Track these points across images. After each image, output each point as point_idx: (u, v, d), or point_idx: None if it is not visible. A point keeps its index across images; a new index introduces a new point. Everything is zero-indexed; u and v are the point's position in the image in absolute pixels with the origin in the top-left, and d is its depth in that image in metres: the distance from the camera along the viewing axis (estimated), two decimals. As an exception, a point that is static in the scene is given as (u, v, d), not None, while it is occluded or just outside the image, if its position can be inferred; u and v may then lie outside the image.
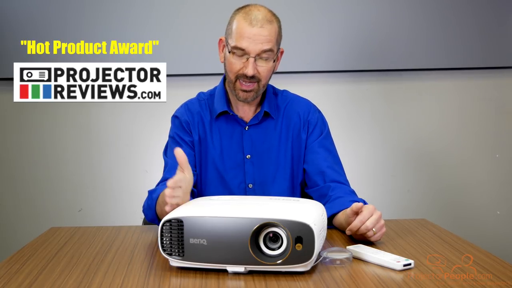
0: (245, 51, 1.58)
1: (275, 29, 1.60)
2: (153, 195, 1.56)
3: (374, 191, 2.65)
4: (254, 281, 1.13)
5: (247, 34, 1.57)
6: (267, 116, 1.71)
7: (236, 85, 1.62)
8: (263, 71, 1.60)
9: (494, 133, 2.86)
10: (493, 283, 1.11)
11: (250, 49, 1.57)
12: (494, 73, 2.81)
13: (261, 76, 1.60)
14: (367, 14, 2.69)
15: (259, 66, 1.59)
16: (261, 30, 1.57)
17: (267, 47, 1.58)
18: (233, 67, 1.60)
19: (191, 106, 1.73)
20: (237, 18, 1.61)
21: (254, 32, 1.56)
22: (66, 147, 2.71)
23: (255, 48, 1.57)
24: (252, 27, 1.57)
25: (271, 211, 1.19)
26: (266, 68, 1.60)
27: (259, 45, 1.57)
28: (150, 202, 1.57)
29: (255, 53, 1.57)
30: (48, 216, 2.70)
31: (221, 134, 1.70)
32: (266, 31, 1.57)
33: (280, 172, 1.70)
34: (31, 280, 1.17)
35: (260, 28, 1.57)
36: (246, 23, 1.57)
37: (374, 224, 1.35)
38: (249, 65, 1.58)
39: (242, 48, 1.57)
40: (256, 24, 1.57)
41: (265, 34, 1.57)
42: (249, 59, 1.58)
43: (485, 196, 2.87)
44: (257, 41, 1.57)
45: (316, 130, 1.72)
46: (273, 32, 1.59)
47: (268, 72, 1.62)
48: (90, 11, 2.60)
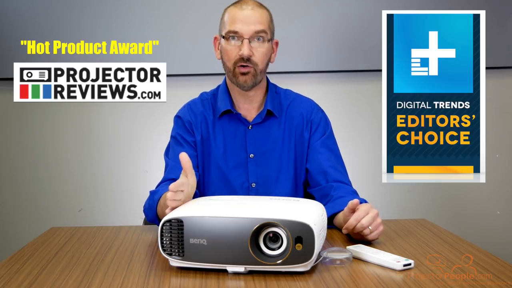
0: (238, 33, 1.61)
1: (266, 14, 1.66)
2: (155, 196, 1.56)
3: (374, 191, 2.64)
4: (254, 281, 1.13)
5: (239, 17, 1.62)
6: (270, 115, 1.71)
7: (235, 72, 1.64)
8: (258, 53, 1.62)
9: (494, 133, 2.86)
10: (493, 283, 1.11)
11: (243, 31, 1.61)
12: (494, 73, 2.81)
13: (257, 59, 1.62)
14: (367, 14, 2.69)
15: (254, 48, 1.62)
16: (252, 12, 1.62)
17: (259, 28, 1.61)
18: (229, 54, 1.63)
19: (193, 106, 1.74)
20: (227, 10, 1.67)
21: (245, 14, 1.62)
22: (66, 147, 2.71)
23: (248, 30, 1.61)
24: (243, 10, 1.62)
25: (271, 211, 1.19)
26: (261, 50, 1.63)
27: (251, 26, 1.61)
28: (151, 203, 1.57)
29: (249, 35, 1.61)
30: (48, 216, 2.70)
31: (224, 133, 1.70)
32: (257, 13, 1.63)
33: (283, 171, 1.70)
34: (31, 280, 1.17)
35: (251, 10, 1.63)
36: (237, 9, 1.64)
37: (370, 222, 1.34)
38: (244, 46, 1.61)
39: (235, 31, 1.61)
40: (246, 7, 1.63)
41: (256, 15, 1.62)
42: (244, 41, 1.61)
43: (485, 196, 2.87)
44: (249, 22, 1.61)
45: (319, 130, 1.72)
46: (264, 16, 1.64)
47: (264, 55, 1.64)
48: (90, 11, 2.60)
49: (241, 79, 1.63)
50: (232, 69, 1.64)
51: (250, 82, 1.64)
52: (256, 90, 1.68)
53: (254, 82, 1.64)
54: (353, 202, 1.38)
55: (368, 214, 1.35)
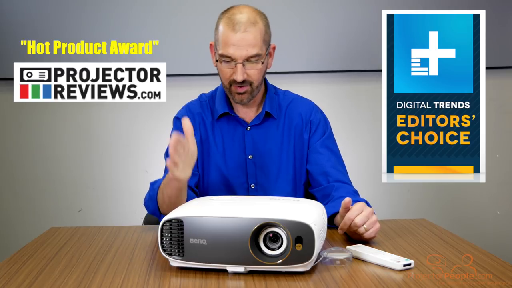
0: (231, 58, 1.58)
1: (260, 30, 1.59)
2: (155, 185, 1.57)
3: (374, 191, 2.64)
4: (254, 281, 1.13)
5: (232, 41, 1.56)
6: (268, 117, 1.71)
7: (232, 90, 1.63)
8: (253, 74, 1.60)
9: (494, 133, 2.86)
10: (493, 283, 1.11)
11: (236, 56, 1.57)
12: (494, 73, 2.81)
13: (252, 79, 1.60)
14: (367, 14, 2.69)
15: (249, 70, 1.59)
16: (245, 35, 1.56)
17: (253, 52, 1.57)
18: (224, 75, 1.62)
19: (192, 108, 1.74)
20: (221, 23, 1.60)
21: (238, 37, 1.56)
22: (66, 147, 2.71)
23: (241, 54, 1.57)
24: (235, 33, 1.56)
25: (271, 211, 1.19)
26: (255, 71, 1.60)
27: (244, 52, 1.56)
28: (152, 193, 1.58)
29: (242, 59, 1.57)
30: (48, 216, 2.70)
31: (223, 135, 1.70)
32: (250, 35, 1.56)
33: (282, 172, 1.70)
34: (31, 280, 1.17)
35: (244, 33, 1.56)
36: (229, 29, 1.57)
37: (363, 221, 1.34)
38: (238, 71, 1.58)
39: (228, 56, 1.58)
40: (239, 29, 1.56)
41: (249, 38, 1.56)
42: (237, 65, 1.57)
43: (485, 196, 2.87)
44: (242, 47, 1.56)
45: (319, 130, 1.72)
46: (258, 34, 1.58)
47: (259, 73, 1.62)
48: (90, 11, 2.60)
49: (238, 98, 1.63)
50: (228, 87, 1.63)
51: (246, 99, 1.64)
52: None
53: (251, 97, 1.65)
54: (345, 201, 1.36)
55: (362, 212, 1.34)
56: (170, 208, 1.51)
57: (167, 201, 1.50)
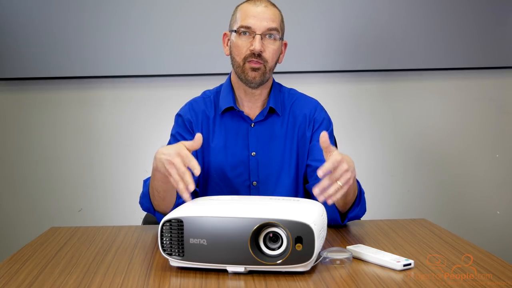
0: (251, 29, 1.61)
1: (279, 14, 1.66)
2: (147, 182, 1.57)
3: (374, 191, 2.64)
4: (254, 281, 1.13)
5: (252, 13, 1.62)
6: (272, 113, 1.71)
7: (245, 67, 1.63)
8: (269, 50, 1.62)
9: (494, 133, 2.86)
10: (493, 283, 1.11)
11: (256, 27, 1.60)
12: (494, 73, 2.81)
13: (267, 56, 1.62)
14: (367, 14, 2.70)
15: (265, 45, 1.62)
16: (266, 9, 1.62)
17: (272, 25, 1.61)
18: (240, 49, 1.62)
19: (195, 105, 1.73)
20: (240, 7, 1.67)
21: (258, 10, 1.62)
22: (66, 147, 2.71)
23: (261, 25, 1.60)
24: (257, 7, 1.63)
25: (271, 211, 1.19)
26: (272, 47, 1.62)
27: (264, 23, 1.61)
28: (144, 189, 1.58)
29: (261, 31, 1.60)
30: (48, 216, 2.70)
31: (226, 131, 1.69)
32: (270, 11, 1.63)
33: (284, 170, 1.69)
34: (31, 280, 1.17)
35: (265, 7, 1.63)
36: (250, 5, 1.64)
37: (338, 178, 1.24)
38: (256, 41, 1.60)
39: (248, 26, 1.61)
40: (260, 4, 1.63)
41: (269, 13, 1.62)
42: (256, 36, 1.60)
43: (485, 196, 2.87)
44: (262, 19, 1.61)
45: (321, 128, 1.71)
46: (277, 14, 1.65)
47: (274, 53, 1.63)
48: (90, 11, 2.60)
49: (251, 74, 1.62)
50: (242, 64, 1.63)
51: (259, 79, 1.63)
52: (262, 89, 1.68)
53: (263, 79, 1.64)
54: (323, 138, 1.28)
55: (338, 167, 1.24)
56: (160, 203, 1.51)
57: (156, 195, 1.49)
